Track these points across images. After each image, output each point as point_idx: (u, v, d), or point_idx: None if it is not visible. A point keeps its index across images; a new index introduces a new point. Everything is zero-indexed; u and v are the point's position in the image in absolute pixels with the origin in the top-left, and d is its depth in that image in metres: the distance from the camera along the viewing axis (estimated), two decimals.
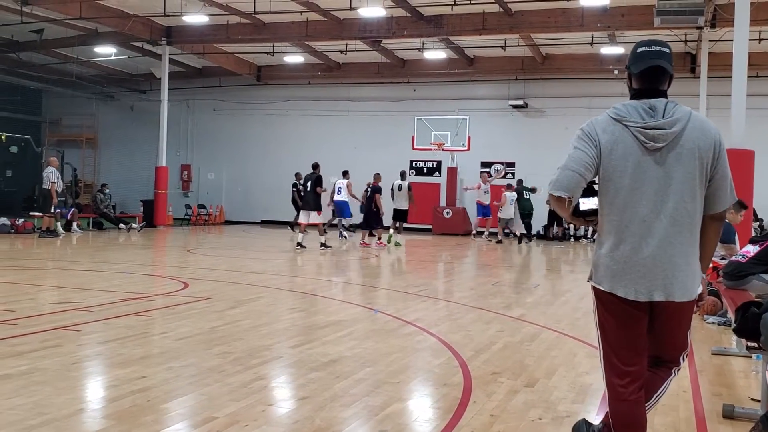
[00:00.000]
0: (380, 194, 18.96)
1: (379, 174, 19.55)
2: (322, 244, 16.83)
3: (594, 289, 3.27)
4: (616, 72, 23.29)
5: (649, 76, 3.17)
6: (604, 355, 3.33)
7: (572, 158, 3.14)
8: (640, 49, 3.19)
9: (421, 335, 6.96)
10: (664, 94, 3.19)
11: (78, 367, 5.38)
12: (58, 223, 20.00)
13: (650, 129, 3.07)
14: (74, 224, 20.68)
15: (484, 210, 22.99)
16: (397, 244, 18.89)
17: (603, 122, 3.18)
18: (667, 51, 3.19)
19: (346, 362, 5.66)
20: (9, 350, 5.68)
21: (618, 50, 22.02)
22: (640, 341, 3.22)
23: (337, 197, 20.71)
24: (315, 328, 7.12)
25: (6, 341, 6.02)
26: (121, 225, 22.14)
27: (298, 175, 21.85)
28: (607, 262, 3.18)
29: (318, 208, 17.02)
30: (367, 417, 4.38)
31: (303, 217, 17.13)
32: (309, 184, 16.90)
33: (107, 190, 23.31)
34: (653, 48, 3.17)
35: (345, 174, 21.00)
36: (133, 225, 22.14)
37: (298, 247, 16.56)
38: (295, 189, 22.26)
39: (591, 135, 3.16)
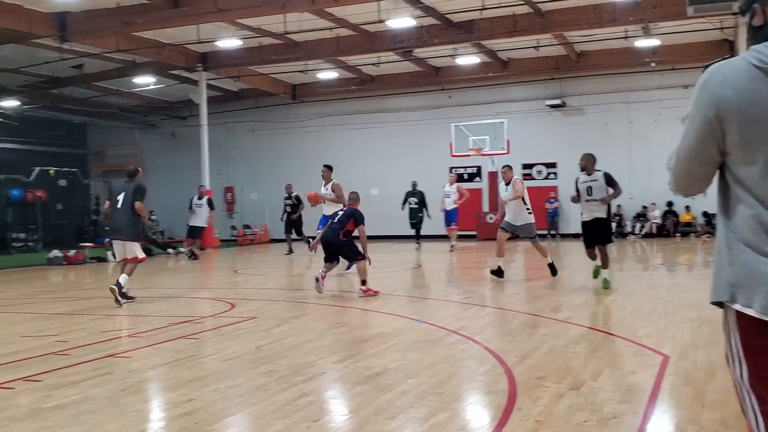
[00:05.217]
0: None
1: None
2: (120, 287, 10.38)
3: (734, 313, 2.17)
4: (653, 64, 23.00)
5: None
6: (752, 387, 2.18)
7: (683, 147, 2.25)
8: None
9: (465, 344, 6.94)
10: None
11: (128, 393, 5.48)
12: (109, 252, 20.41)
13: None
14: None
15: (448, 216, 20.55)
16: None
17: (738, 75, 2.12)
18: None
19: (390, 375, 5.67)
20: (62, 380, 5.83)
21: (653, 42, 21.73)
22: None
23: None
24: (358, 341, 7.15)
25: (59, 371, 6.17)
26: (170, 250, 22.50)
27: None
28: (750, 274, 2.13)
29: (137, 236, 11.00)
30: (412, 429, 4.38)
31: (119, 250, 11.00)
32: (122, 197, 10.72)
33: (154, 217, 23.77)
34: None
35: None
36: (195, 251, 20.76)
37: (125, 300, 10.45)
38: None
39: (709, 106, 2.15)
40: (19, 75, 24.20)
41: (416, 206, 21.04)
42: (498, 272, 12.11)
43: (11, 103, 26.13)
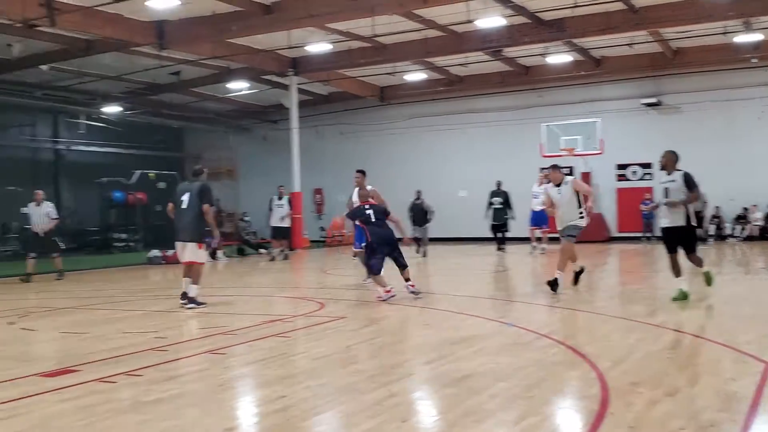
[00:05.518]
0: None
1: None
2: (192, 300, 10.16)
3: None
4: (754, 60, 22.05)
5: None
6: None
7: None
8: None
9: (556, 347, 6.82)
10: None
11: (224, 389, 5.66)
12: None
13: None
14: (219, 252, 21.72)
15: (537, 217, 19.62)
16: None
17: None
18: None
19: (479, 378, 5.64)
20: (161, 375, 6.06)
21: (755, 37, 20.82)
22: None
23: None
24: (447, 344, 7.13)
25: (158, 367, 6.42)
26: (262, 250, 23.02)
27: (418, 193, 20.45)
28: None
29: (200, 237, 10.32)
30: None
31: (180, 252, 10.43)
32: (187, 197, 10.24)
33: (247, 218, 24.37)
34: None
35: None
36: (286, 252, 21.38)
37: (189, 304, 10.13)
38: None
39: None
40: (121, 82, 25.31)
41: (500, 207, 20.62)
42: (576, 276, 11.21)
43: (114, 109, 27.33)
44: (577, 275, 11.21)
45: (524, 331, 7.73)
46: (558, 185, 10.98)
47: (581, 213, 10.87)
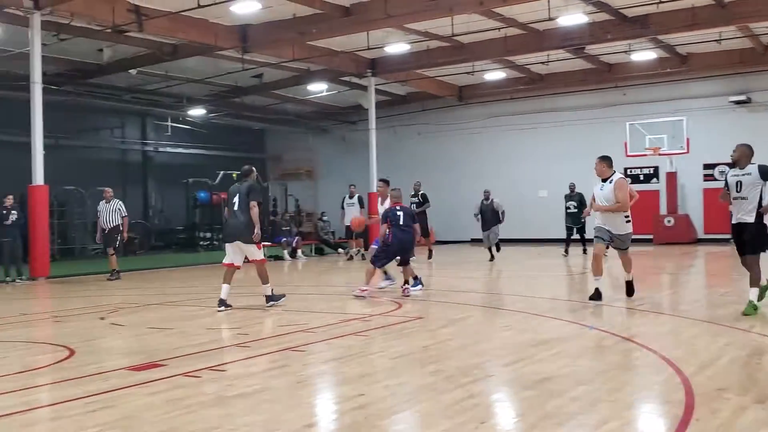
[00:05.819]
0: None
1: None
2: (269, 298, 10.42)
3: None
4: None
5: None
6: None
7: None
8: None
9: (639, 351, 6.67)
10: None
11: (303, 385, 5.76)
12: (285, 251, 21.50)
13: None
14: (299, 251, 22.07)
15: None
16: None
17: None
18: None
19: (560, 380, 5.56)
20: (244, 371, 6.22)
21: None
22: None
23: None
24: (526, 346, 7.05)
25: (241, 362, 6.59)
26: (340, 249, 23.25)
27: (486, 193, 19.68)
28: None
29: (251, 237, 10.19)
30: None
31: (233, 256, 10.52)
32: (237, 199, 10.39)
33: (326, 218, 24.68)
34: None
35: None
36: (363, 251, 21.21)
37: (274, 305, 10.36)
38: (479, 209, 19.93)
39: None
40: (205, 85, 25.99)
41: (576, 210, 20.22)
42: (596, 296, 9.85)
43: (198, 111, 28.10)
44: (597, 294, 9.93)
45: (606, 334, 7.58)
46: (604, 180, 10.00)
47: (627, 217, 9.83)
